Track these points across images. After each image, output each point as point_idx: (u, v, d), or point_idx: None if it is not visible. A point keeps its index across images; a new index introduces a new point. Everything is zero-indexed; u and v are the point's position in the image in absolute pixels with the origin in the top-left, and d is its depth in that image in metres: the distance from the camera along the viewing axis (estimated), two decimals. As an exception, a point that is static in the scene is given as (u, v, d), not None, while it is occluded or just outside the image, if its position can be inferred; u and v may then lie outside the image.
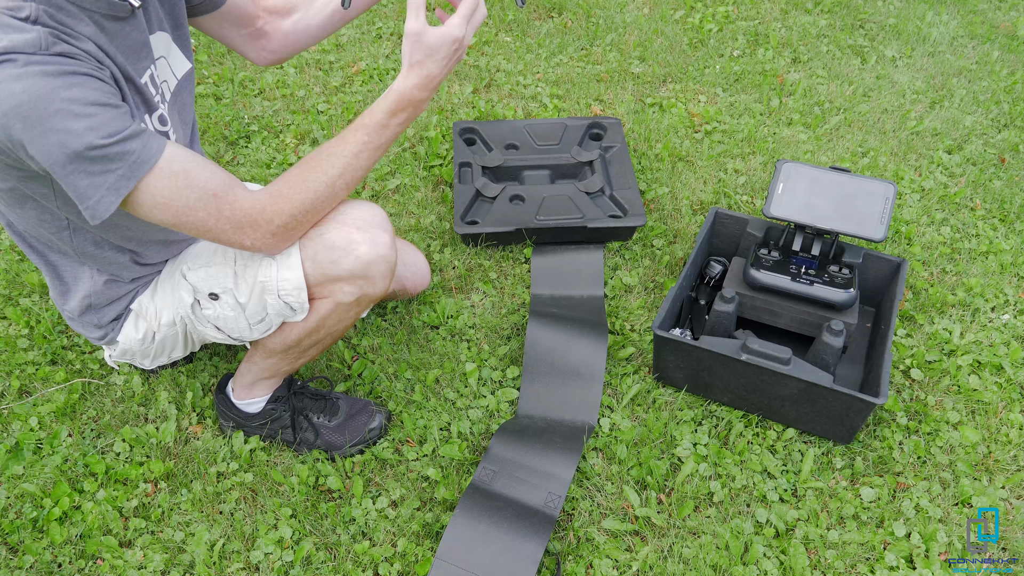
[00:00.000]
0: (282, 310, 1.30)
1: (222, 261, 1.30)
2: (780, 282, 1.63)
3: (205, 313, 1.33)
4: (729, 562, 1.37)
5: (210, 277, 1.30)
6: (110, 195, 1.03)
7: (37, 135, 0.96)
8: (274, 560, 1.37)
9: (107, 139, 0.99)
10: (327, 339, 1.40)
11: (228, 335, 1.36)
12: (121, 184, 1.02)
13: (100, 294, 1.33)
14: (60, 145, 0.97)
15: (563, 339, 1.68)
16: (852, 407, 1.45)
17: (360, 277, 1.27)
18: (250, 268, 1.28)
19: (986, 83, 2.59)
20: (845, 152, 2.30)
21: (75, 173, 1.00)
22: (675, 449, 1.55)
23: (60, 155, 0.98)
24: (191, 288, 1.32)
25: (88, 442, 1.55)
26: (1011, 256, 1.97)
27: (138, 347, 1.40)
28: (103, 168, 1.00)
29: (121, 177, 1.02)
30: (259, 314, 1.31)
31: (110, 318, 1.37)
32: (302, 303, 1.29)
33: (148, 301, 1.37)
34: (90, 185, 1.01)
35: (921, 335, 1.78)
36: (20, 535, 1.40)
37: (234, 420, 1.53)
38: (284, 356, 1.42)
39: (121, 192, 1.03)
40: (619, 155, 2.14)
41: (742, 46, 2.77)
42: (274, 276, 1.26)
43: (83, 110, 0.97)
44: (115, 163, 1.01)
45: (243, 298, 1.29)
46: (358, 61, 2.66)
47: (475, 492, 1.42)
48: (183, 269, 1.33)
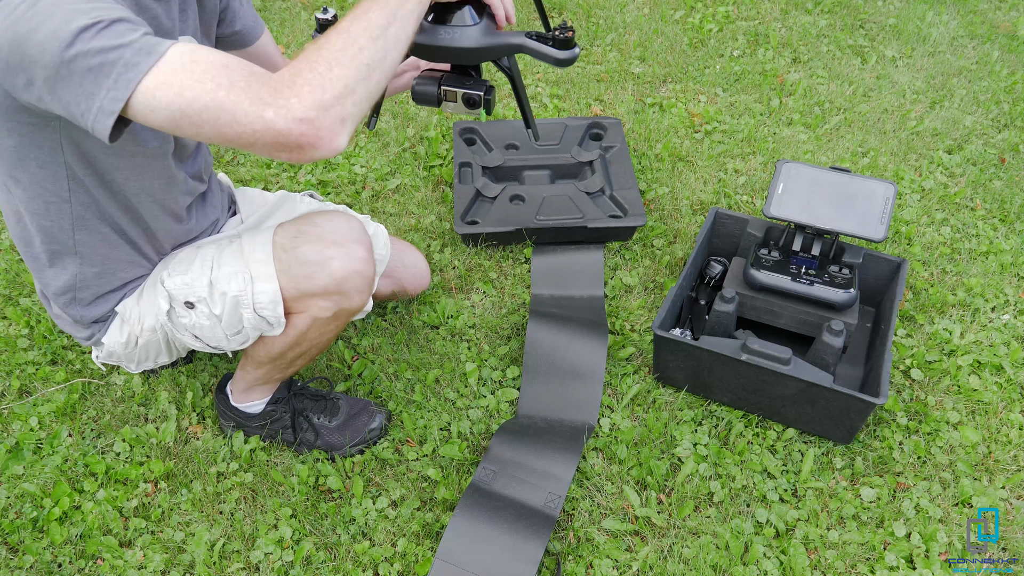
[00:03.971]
0: (258, 324, 1.28)
1: (199, 270, 1.28)
2: (780, 282, 1.63)
3: (181, 321, 1.31)
4: (729, 562, 1.37)
5: (186, 285, 1.28)
6: (117, 87, 0.91)
7: (31, 33, 0.89)
8: (274, 560, 1.37)
9: (101, 17, 0.91)
10: (313, 350, 1.38)
11: (206, 344, 1.34)
12: (127, 74, 0.91)
13: (84, 288, 1.30)
14: (53, 35, 0.89)
15: (563, 339, 1.68)
16: (852, 407, 1.45)
17: (335, 293, 1.25)
18: (223, 281, 1.25)
19: (986, 83, 2.59)
20: (845, 152, 2.30)
21: (73, 73, 0.90)
22: (675, 449, 1.55)
23: (55, 49, 0.89)
24: (167, 295, 1.29)
25: (88, 442, 1.55)
26: (1011, 256, 1.97)
27: (122, 351, 1.38)
28: (102, 60, 0.90)
29: (126, 66, 0.90)
30: (235, 326, 1.29)
31: (94, 317, 1.34)
32: (278, 317, 1.27)
33: (133, 305, 1.34)
34: (93, 79, 0.91)
35: (921, 335, 1.78)
36: (20, 535, 1.40)
37: (234, 420, 1.53)
38: (272, 367, 1.41)
39: (129, 80, 0.90)
40: (619, 155, 2.14)
41: (742, 46, 2.77)
42: (249, 290, 1.24)
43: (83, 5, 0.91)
44: (115, 52, 0.90)
45: (217, 310, 1.27)
46: (358, 61, 2.66)
47: (475, 492, 1.42)
48: (163, 275, 1.31)
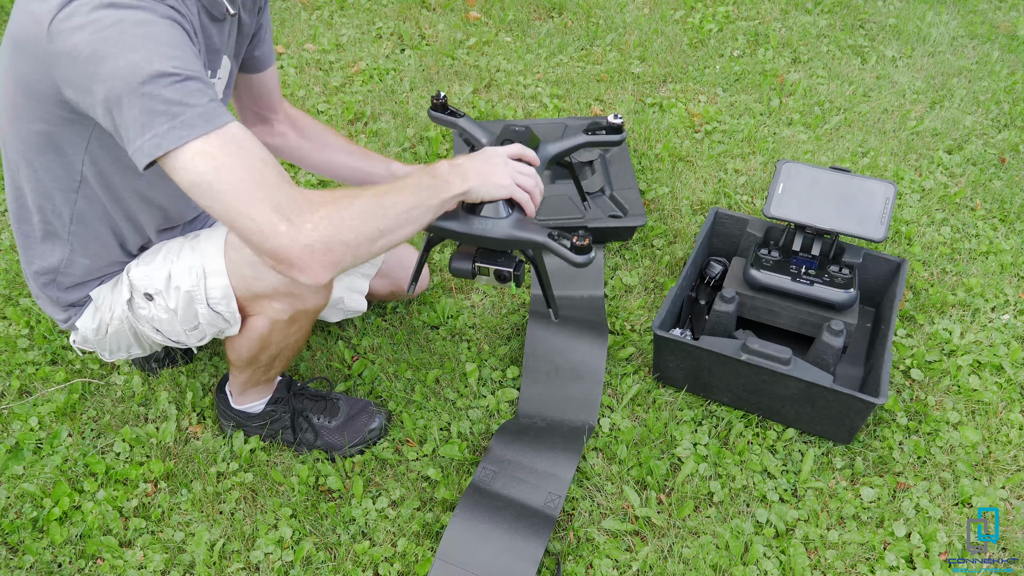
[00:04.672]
0: (214, 320, 1.27)
1: (161, 262, 1.27)
2: (780, 282, 1.63)
3: (141, 313, 1.30)
4: (729, 562, 1.37)
5: (147, 276, 1.27)
6: (167, 137, 0.95)
7: (112, 56, 0.93)
8: (274, 560, 1.37)
9: (181, 70, 0.95)
10: (286, 351, 1.37)
11: (167, 337, 1.33)
12: (180, 130, 0.95)
13: (67, 274, 1.30)
14: (132, 67, 0.92)
15: (563, 339, 1.68)
16: (852, 407, 1.45)
17: (286, 294, 1.22)
18: (178, 275, 1.24)
19: (986, 83, 2.59)
20: (845, 152, 2.30)
21: (134, 106, 0.94)
22: (675, 449, 1.55)
23: (130, 80, 0.93)
24: (129, 284, 1.29)
25: (88, 442, 1.55)
26: (1011, 256, 1.97)
27: (93, 337, 1.38)
28: (166, 107, 0.94)
29: (183, 123, 0.95)
30: (191, 321, 1.28)
31: (71, 301, 1.34)
32: (233, 313, 1.25)
33: (107, 293, 1.33)
34: (149, 120, 0.94)
35: (921, 335, 1.78)
36: (20, 535, 1.40)
37: (234, 420, 1.53)
38: (252, 370, 1.40)
39: (180, 138, 0.95)
40: (619, 155, 2.14)
41: (742, 46, 2.77)
42: (201, 285, 1.22)
43: (168, 41, 0.96)
44: (179, 107, 0.95)
45: (172, 304, 1.26)
46: (358, 61, 2.66)
47: (475, 492, 1.42)
48: (130, 264, 1.30)
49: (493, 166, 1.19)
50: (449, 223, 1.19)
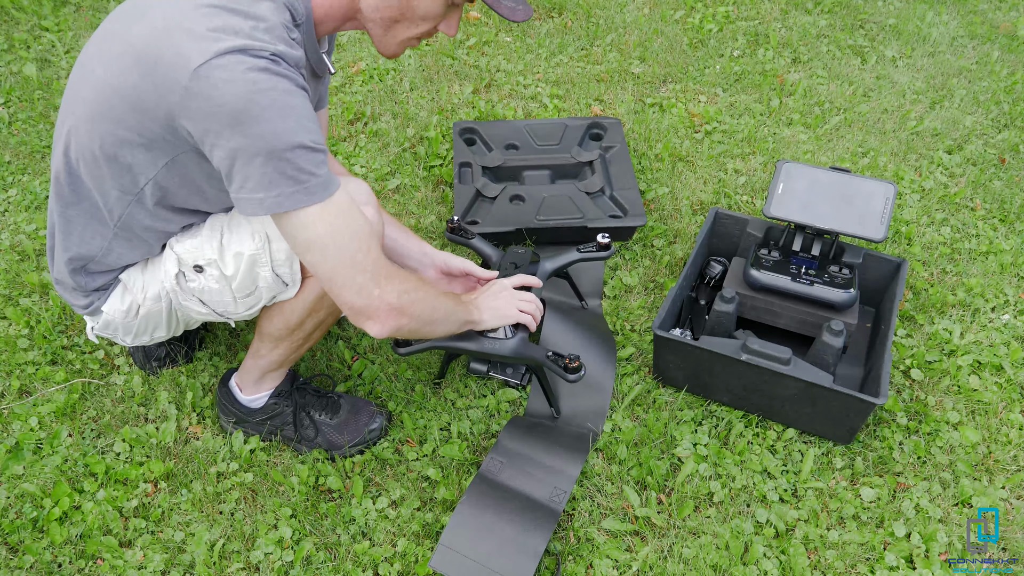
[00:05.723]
0: (274, 284, 1.31)
1: (208, 233, 1.30)
2: (780, 282, 1.63)
3: (190, 286, 1.33)
4: (729, 562, 1.37)
5: (195, 248, 1.30)
6: (291, 199, 1.08)
7: (263, 119, 1.03)
8: (274, 560, 1.37)
9: (315, 144, 1.08)
10: (329, 318, 1.42)
11: (213, 309, 1.36)
12: (303, 196, 1.08)
13: (101, 263, 1.32)
14: (276, 133, 1.04)
15: (574, 349, 1.66)
16: (852, 407, 1.45)
17: None
18: (238, 242, 1.28)
19: (986, 83, 2.59)
20: (845, 152, 2.30)
21: (266, 165, 1.05)
22: (675, 449, 1.55)
23: (272, 144, 1.04)
24: (176, 259, 1.31)
25: (88, 442, 1.55)
26: (1011, 256, 1.97)
27: (121, 320, 1.38)
28: (296, 173, 1.07)
29: (306, 190, 1.08)
30: (247, 287, 1.31)
31: (96, 286, 1.35)
32: (295, 274, 1.31)
33: (138, 274, 1.35)
34: (277, 180, 1.06)
35: (921, 335, 1.78)
36: (20, 535, 1.40)
37: (235, 415, 1.53)
38: (290, 342, 1.42)
39: (300, 202, 1.08)
40: (619, 155, 2.14)
41: (742, 46, 2.77)
42: (266, 248, 1.27)
43: (307, 115, 1.09)
44: (306, 175, 1.08)
45: (229, 270, 1.29)
46: (358, 61, 2.66)
47: (482, 482, 1.42)
48: (171, 241, 1.33)
49: (500, 300, 1.47)
50: (465, 343, 1.45)
